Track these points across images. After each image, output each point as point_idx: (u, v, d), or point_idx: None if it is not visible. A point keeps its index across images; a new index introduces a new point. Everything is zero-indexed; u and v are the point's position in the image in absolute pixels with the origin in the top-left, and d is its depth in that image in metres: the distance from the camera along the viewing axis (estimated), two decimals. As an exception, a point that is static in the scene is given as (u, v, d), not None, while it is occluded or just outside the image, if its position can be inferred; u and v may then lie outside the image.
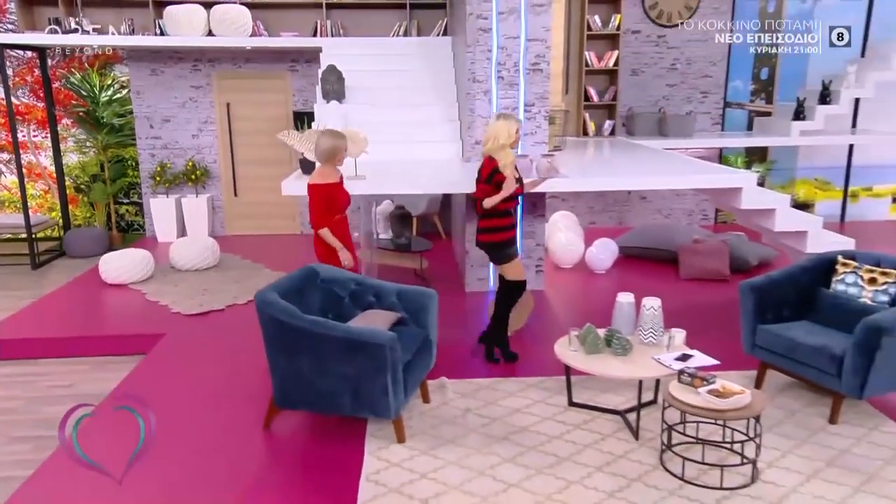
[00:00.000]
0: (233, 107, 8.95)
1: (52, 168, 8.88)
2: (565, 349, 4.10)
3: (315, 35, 8.39)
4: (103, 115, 8.78)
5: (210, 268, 7.45)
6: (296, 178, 5.56)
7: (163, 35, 8.10)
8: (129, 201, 9.35)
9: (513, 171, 4.50)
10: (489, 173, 4.50)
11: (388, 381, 3.57)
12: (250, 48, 8.40)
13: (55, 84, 8.84)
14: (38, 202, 9.26)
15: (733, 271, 6.87)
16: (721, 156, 9.30)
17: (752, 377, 4.47)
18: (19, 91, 8.99)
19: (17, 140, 8.02)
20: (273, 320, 3.68)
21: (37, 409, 4.60)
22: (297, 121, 8.62)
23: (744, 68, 9.21)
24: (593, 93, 8.76)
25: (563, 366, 4.13)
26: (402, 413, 3.86)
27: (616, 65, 8.66)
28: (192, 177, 8.88)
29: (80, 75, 8.79)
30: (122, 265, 6.88)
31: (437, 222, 8.71)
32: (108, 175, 8.98)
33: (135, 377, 4.79)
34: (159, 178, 8.88)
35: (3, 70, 7.79)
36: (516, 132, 4.50)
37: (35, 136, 9.12)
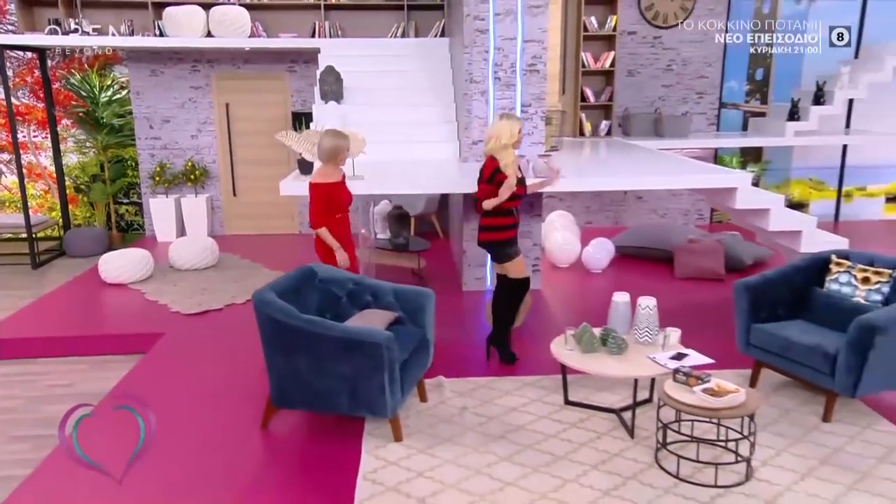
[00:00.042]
0: (232, 107, 8.93)
1: (52, 168, 8.86)
2: (561, 348, 4.10)
3: (313, 36, 8.37)
4: (103, 116, 8.76)
5: (209, 267, 7.44)
6: (294, 179, 5.55)
7: (162, 36, 8.08)
8: (128, 201, 9.33)
9: (515, 170, 4.50)
10: (491, 173, 4.49)
11: (384, 381, 3.56)
12: (249, 49, 8.38)
13: (55, 85, 8.82)
14: (38, 202, 9.24)
15: (728, 270, 6.87)
16: (716, 156, 9.31)
17: (747, 376, 4.46)
18: (19, 92, 8.97)
19: (17, 140, 8.00)
20: (270, 320, 3.67)
21: (36, 409, 4.58)
22: (296, 121, 8.60)
23: (739, 69, 9.21)
24: (590, 93, 8.76)
25: (560, 365, 4.13)
26: (399, 412, 3.85)
27: (612, 66, 8.65)
28: (192, 177, 8.87)
29: (79, 76, 8.77)
30: (121, 265, 6.86)
31: (435, 222, 8.70)
32: (108, 175, 8.97)
33: (134, 376, 4.78)
34: (159, 178, 8.86)
35: (3, 71, 7.77)
36: (519, 132, 4.50)
37: (35, 136, 9.10)
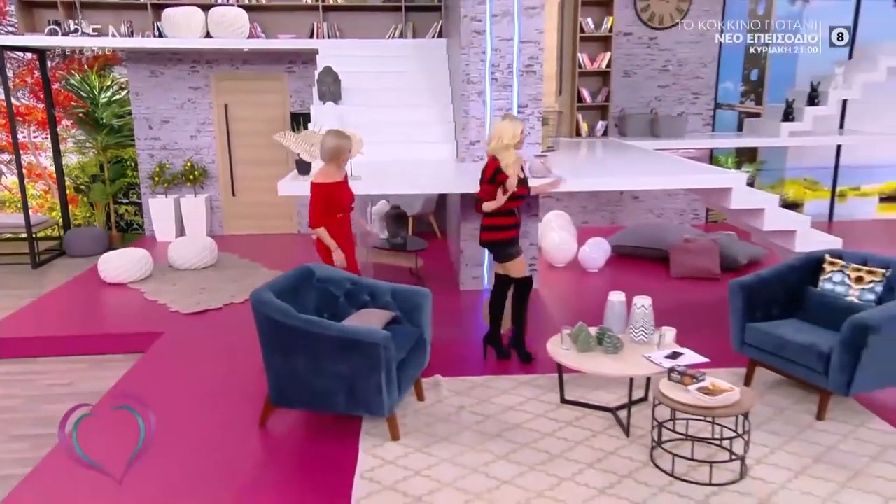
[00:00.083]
0: (231, 108, 8.91)
1: (52, 168, 8.84)
2: (557, 347, 4.09)
3: (312, 37, 8.36)
4: (103, 116, 8.74)
5: (208, 267, 7.42)
6: (292, 179, 5.53)
7: (161, 37, 8.06)
8: (128, 201, 9.31)
9: (517, 171, 4.49)
10: (492, 173, 4.48)
11: (382, 380, 3.56)
12: (248, 50, 8.36)
13: (55, 85, 8.79)
14: (38, 202, 9.22)
15: (723, 270, 6.87)
16: (712, 156, 9.31)
17: (742, 375, 4.47)
18: (19, 92, 8.95)
19: (17, 141, 7.98)
20: (268, 319, 3.66)
21: (36, 408, 4.57)
22: (294, 122, 8.59)
23: (734, 70, 9.21)
24: (586, 94, 8.75)
25: (556, 364, 4.13)
26: (396, 411, 3.85)
27: (608, 66, 8.64)
28: (191, 177, 8.85)
29: (79, 77, 8.75)
30: (121, 264, 6.85)
31: (433, 222, 8.70)
32: (108, 175, 8.95)
33: (133, 375, 4.77)
34: (158, 178, 8.84)
35: (3, 72, 7.75)
36: (521, 133, 4.50)
37: (35, 136, 9.07)
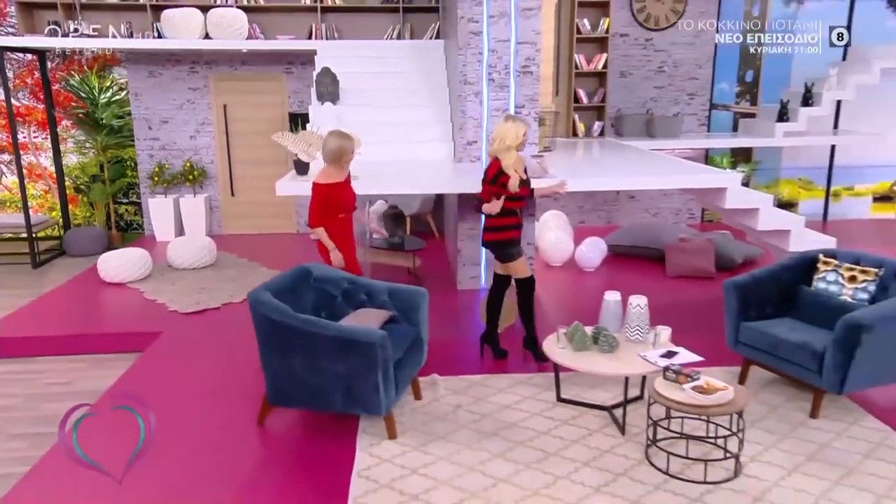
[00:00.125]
0: (230, 108, 8.90)
1: (53, 168, 8.82)
2: (553, 346, 4.09)
3: (310, 38, 8.34)
4: (102, 117, 8.71)
5: (207, 266, 7.40)
6: (290, 179, 5.53)
7: (160, 38, 8.04)
8: (128, 201, 9.29)
9: (520, 171, 4.49)
10: (494, 174, 4.47)
11: (379, 379, 3.55)
12: (246, 51, 8.35)
13: (55, 86, 8.77)
14: (38, 202, 9.20)
15: (719, 269, 6.87)
16: (707, 156, 9.30)
17: (736, 373, 4.47)
18: (20, 93, 8.93)
19: (17, 141, 7.95)
20: (266, 319, 3.65)
21: (35, 407, 4.56)
22: (293, 122, 8.56)
23: (729, 71, 9.21)
24: (583, 94, 8.74)
25: (552, 362, 4.12)
26: (393, 410, 3.84)
27: (605, 67, 8.64)
28: (190, 177, 8.83)
29: (79, 77, 8.73)
30: (120, 264, 6.83)
31: (431, 221, 8.69)
32: (108, 175, 8.93)
33: (132, 375, 4.76)
34: (157, 178, 8.83)
35: (3, 72, 7.73)
36: (523, 135, 4.49)
37: (35, 137, 9.05)
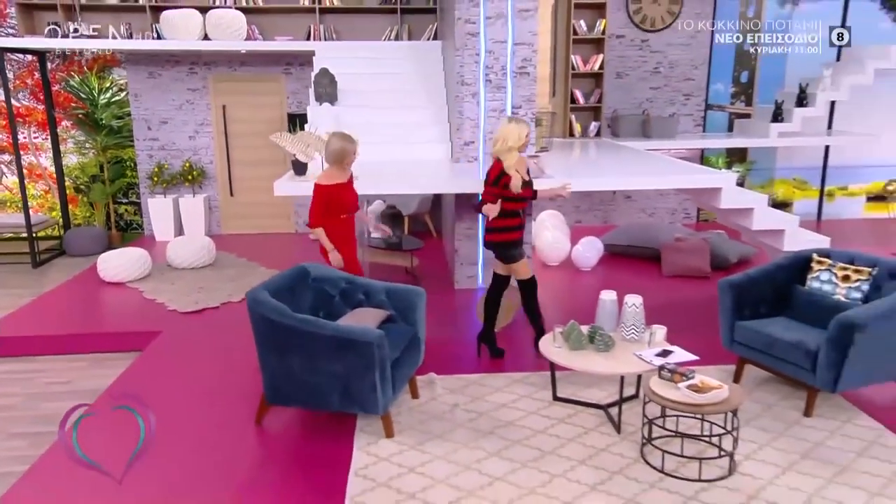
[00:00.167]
0: (228, 109, 8.88)
1: (53, 169, 8.80)
2: (550, 346, 4.08)
3: (308, 39, 8.33)
4: (102, 118, 8.69)
5: (206, 266, 7.39)
6: (288, 179, 5.52)
7: (159, 39, 8.03)
8: (127, 201, 9.28)
9: (522, 173, 4.47)
10: (496, 176, 4.46)
11: (376, 379, 3.54)
12: (245, 52, 8.33)
13: (55, 87, 8.75)
14: (38, 202, 9.18)
15: (714, 268, 6.88)
16: (703, 156, 9.30)
17: (731, 372, 4.47)
18: (20, 94, 8.91)
19: (17, 141, 7.93)
20: (264, 319, 3.64)
21: (35, 406, 4.55)
22: (291, 122, 8.55)
23: (725, 72, 9.21)
24: (579, 95, 8.74)
25: (548, 362, 4.11)
26: (390, 409, 3.83)
27: (601, 68, 8.63)
28: (189, 177, 8.82)
29: (79, 78, 8.71)
30: (120, 264, 6.82)
31: (428, 221, 8.68)
32: (107, 175, 8.91)
33: (131, 374, 4.75)
34: (157, 178, 8.81)
35: (3, 73, 7.71)
36: (526, 136, 4.48)
37: (35, 137, 9.03)
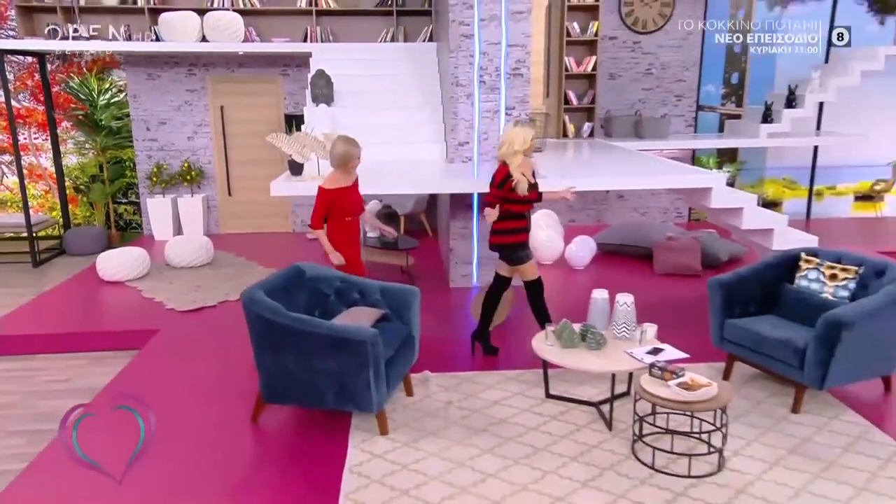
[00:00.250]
0: (227, 110, 8.85)
1: (53, 169, 8.77)
2: (542, 344, 4.07)
3: (305, 41, 8.30)
4: (101, 118, 8.66)
5: (204, 265, 7.36)
6: (285, 180, 5.50)
7: (158, 41, 7.99)
8: (127, 201, 9.24)
9: (528, 175, 4.46)
10: (502, 179, 4.44)
11: (370, 377, 3.53)
12: (243, 53, 8.31)
13: (55, 88, 8.72)
14: (38, 202, 9.15)
15: (705, 267, 6.88)
16: (694, 157, 9.31)
17: (721, 369, 4.47)
18: (20, 95, 8.87)
19: (17, 142, 7.90)
20: (259, 318, 3.62)
21: (33, 404, 4.52)
22: (289, 123, 8.53)
23: (716, 73, 9.21)
24: (573, 96, 8.73)
25: (541, 359, 4.10)
26: (385, 406, 3.82)
27: (594, 69, 8.62)
28: (188, 177, 8.79)
29: (78, 80, 8.67)
30: (119, 263, 6.79)
31: (424, 221, 8.66)
32: (107, 176, 8.87)
33: (129, 372, 4.73)
34: (156, 178, 8.78)
35: (3, 75, 7.67)
36: (531, 139, 4.46)
37: (36, 138, 9.00)
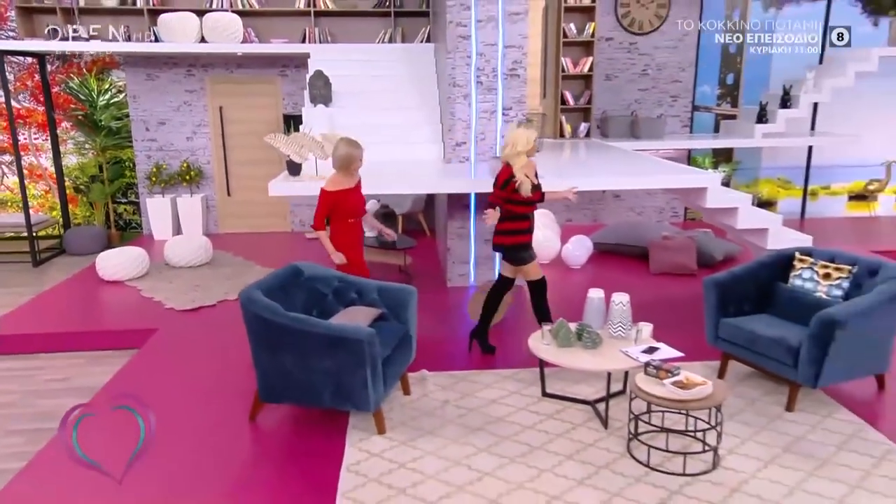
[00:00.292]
0: (225, 110, 8.83)
1: (53, 169, 8.74)
2: (538, 343, 4.07)
3: (304, 41, 8.28)
4: (101, 119, 8.64)
5: (203, 265, 7.35)
6: (283, 180, 5.49)
7: (157, 41, 7.97)
8: (126, 201, 9.22)
9: (532, 176, 4.46)
10: (505, 180, 4.43)
11: (367, 376, 3.52)
12: (241, 54, 8.29)
13: (55, 89, 8.68)
14: (39, 202, 9.12)
15: (700, 266, 6.88)
16: (690, 157, 9.31)
17: (716, 367, 4.46)
18: (20, 95, 8.84)
19: (17, 142, 7.88)
20: (256, 318, 3.62)
21: (33, 403, 4.51)
22: (287, 124, 8.52)
23: (711, 74, 9.20)
24: (569, 97, 8.72)
25: (537, 358, 4.10)
26: (382, 405, 3.81)
27: (591, 70, 8.60)
28: (187, 177, 8.77)
29: (78, 80, 8.65)
30: (118, 262, 6.77)
31: (422, 220, 8.65)
32: (107, 176, 8.85)
33: (128, 371, 4.72)
34: (155, 178, 8.75)
35: (3, 75, 7.65)
36: (535, 140, 4.46)
37: (36, 138, 8.96)
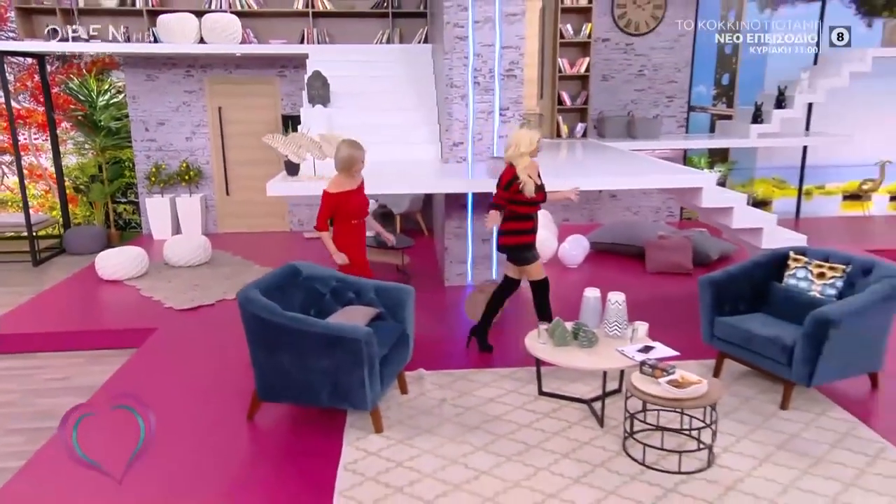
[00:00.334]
0: (224, 110, 8.81)
1: (53, 169, 8.72)
2: (535, 342, 4.06)
3: (302, 42, 8.27)
4: (101, 119, 8.62)
5: (202, 264, 7.33)
6: (281, 180, 5.49)
7: (156, 42, 7.95)
8: (126, 201, 9.20)
9: (535, 177, 4.45)
10: (508, 181, 4.42)
11: (364, 375, 3.51)
12: (240, 55, 8.27)
13: (54, 89, 8.66)
14: (39, 202, 9.09)
15: (696, 265, 6.88)
16: (686, 157, 9.31)
17: (711, 366, 4.46)
18: (20, 96, 8.81)
19: (17, 143, 7.86)
20: (254, 317, 3.61)
21: (32, 402, 4.50)
22: (286, 124, 8.51)
23: (707, 74, 9.20)
24: (566, 97, 8.71)
25: (534, 357, 4.09)
26: (380, 404, 3.81)
27: (587, 71, 8.60)
28: (186, 177, 8.75)
29: (78, 81, 8.63)
30: (118, 262, 6.76)
31: (420, 220, 8.64)
32: (106, 176, 8.83)
33: (127, 370, 4.71)
34: (154, 178, 8.74)
35: (3, 76, 7.62)
36: (538, 141, 4.45)
37: (36, 138, 8.94)
